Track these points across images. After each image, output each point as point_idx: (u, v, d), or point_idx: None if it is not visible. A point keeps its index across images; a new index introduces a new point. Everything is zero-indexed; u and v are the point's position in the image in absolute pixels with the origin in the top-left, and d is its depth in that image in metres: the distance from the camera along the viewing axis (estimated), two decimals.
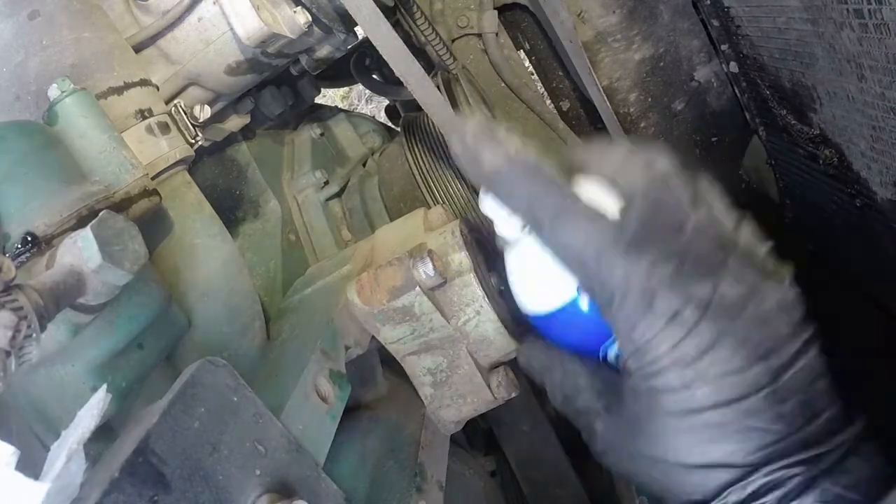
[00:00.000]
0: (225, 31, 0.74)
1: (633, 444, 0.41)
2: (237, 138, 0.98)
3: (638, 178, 0.41)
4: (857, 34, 0.70)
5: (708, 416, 0.37)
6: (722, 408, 0.37)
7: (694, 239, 0.39)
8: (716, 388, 0.37)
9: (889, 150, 0.78)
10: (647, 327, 0.38)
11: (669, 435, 0.39)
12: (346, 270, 0.73)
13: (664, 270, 0.38)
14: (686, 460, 0.39)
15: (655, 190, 0.41)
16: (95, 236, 0.43)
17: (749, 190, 1.23)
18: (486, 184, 0.44)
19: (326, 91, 3.13)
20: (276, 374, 0.58)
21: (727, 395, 0.37)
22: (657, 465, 0.40)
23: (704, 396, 0.37)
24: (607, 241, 0.39)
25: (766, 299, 0.39)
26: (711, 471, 0.38)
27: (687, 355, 0.37)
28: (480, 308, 0.61)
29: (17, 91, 0.61)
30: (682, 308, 0.37)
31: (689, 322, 0.37)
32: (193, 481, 0.36)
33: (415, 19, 1.02)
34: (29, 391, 0.49)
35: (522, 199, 0.42)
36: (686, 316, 0.37)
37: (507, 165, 0.42)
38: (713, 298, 0.37)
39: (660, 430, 0.39)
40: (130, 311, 0.51)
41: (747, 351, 0.37)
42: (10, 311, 0.35)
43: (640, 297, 0.38)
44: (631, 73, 1.17)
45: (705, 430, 0.38)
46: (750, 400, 0.37)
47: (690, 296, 0.37)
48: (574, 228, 0.40)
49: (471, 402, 0.65)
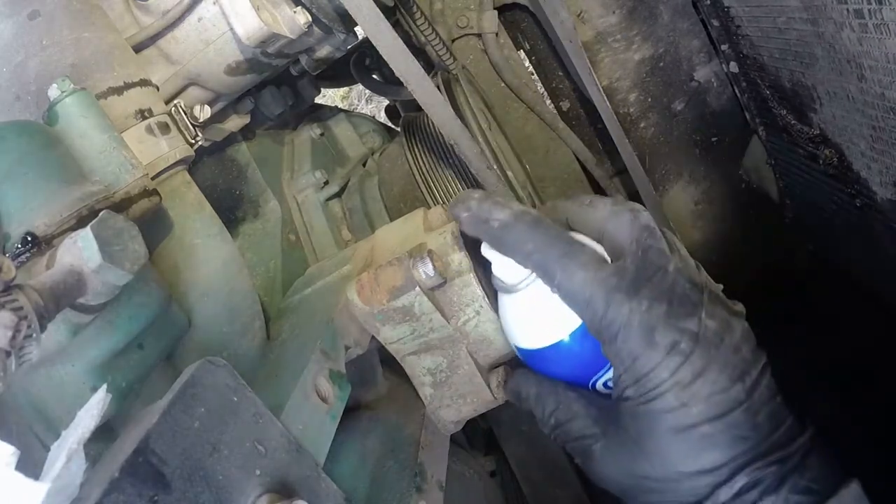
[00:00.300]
0: (225, 31, 0.74)
1: (631, 462, 0.47)
2: (237, 138, 0.98)
3: (626, 230, 0.49)
4: (857, 34, 0.70)
5: (701, 429, 0.44)
6: (713, 421, 0.44)
7: (676, 279, 0.46)
8: (707, 406, 0.44)
9: (889, 150, 0.78)
10: (648, 359, 0.45)
11: (667, 448, 0.45)
12: (346, 270, 0.73)
13: (659, 309, 0.45)
14: (682, 469, 0.45)
15: (643, 238, 0.48)
16: (95, 236, 0.43)
17: (749, 190, 1.24)
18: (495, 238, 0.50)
19: (326, 91, 3.13)
20: (276, 374, 0.58)
21: (715, 410, 0.44)
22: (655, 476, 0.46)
23: (699, 413, 0.44)
24: (612, 286, 0.46)
25: (734, 331, 0.46)
26: (703, 476, 0.45)
27: (684, 379, 0.44)
28: (480, 308, 0.61)
29: (17, 91, 0.61)
30: (679, 340, 0.45)
31: (685, 352, 0.44)
32: (193, 481, 0.36)
33: (415, 19, 1.02)
34: (29, 391, 0.49)
35: (531, 249, 0.49)
36: (682, 347, 0.45)
37: (513, 220, 0.49)
38: (701, 330, 0.45)
39: (659, 445, 0.45)
40: (130, 311, 0.51)
41: (728, 373, 0.45)
42: (10, 311, 0.35)
43: (643, 333, 0.45)
44: (631, 73, 1.17)
45: (698, 442, 0.44)
46: (733, 414, 0.44)
47: (683, 330, 0.45)
48: (583, 275, 0.47)
49: (471, 402, 0.65)
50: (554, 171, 1.23)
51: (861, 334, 1.11)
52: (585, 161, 1.21)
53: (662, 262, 0.47)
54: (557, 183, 1.23)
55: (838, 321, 1.18)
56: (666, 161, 1.22)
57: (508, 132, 1.14)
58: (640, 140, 1.20)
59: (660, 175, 1.22)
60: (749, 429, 0.44)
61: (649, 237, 0.48)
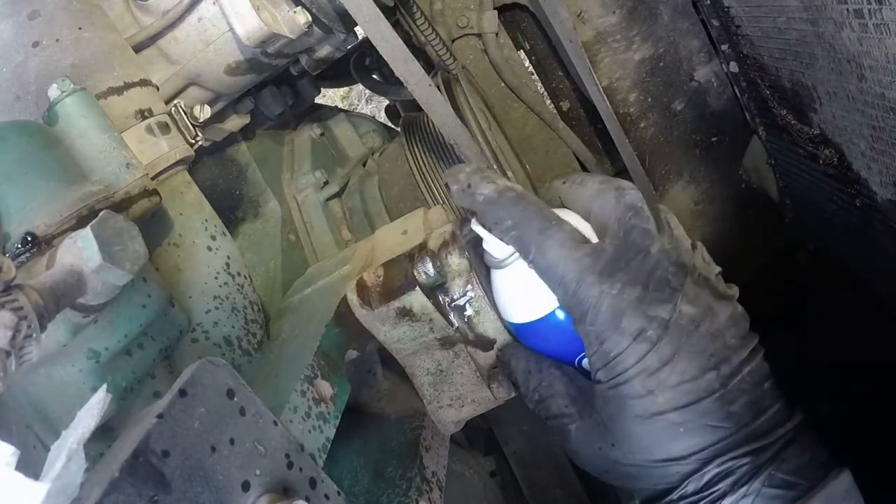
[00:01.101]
0: (225, 31, 0.74)
1: (603, 445, 0.47)
2: (237, 138, 0.98)
3: (611, 208, 0.47)
4: (857, 34, 0.70)
5: (668, 417, 0.44)
6: (680, 410, 0.43)
7: (658, 262, 0.45)
8: (675, 394, 0.43)
9: (889, 150, 0.78)
10: (614, 343, 0.44)
11: (635, 435, 0.45)
12: (346, 270, 0.73)
13: (631, 294, 0.44)
14: (651, 457, 0.45)
15: (626, 218, 0.47)
16: (95, 236, 0.43)
17: (749, 190, 1.23)
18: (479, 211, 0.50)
19: (326, 91, 3.13)
20: (276, 374, 0.58)
21: (684, 399, 0.43)
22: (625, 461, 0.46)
23: (665, 401, 0.44)
24: (586, 266, 0.45)
25: (717, 317, 0.45)
26: (673, 464, 0.44)
27: (650, 367, 0.44)
28: (480, 308, 0.61)
29: (17, 91, 0.61)
30: (646, 327, 0.44)
31: (653, 339, 0.44)
32: (193, 481, 0.36)
33: (415, 19, 1.02)
34: (29, 391, 0.49)
35: (510, 225, 0.48)
36: (649, 335, 0.44)
37: (496, 196, 0.49)
38: (672, 318, 0.44)
39: (627, 431, 0.45)
40: (130, 311, 0.51)
41: (701, 362, 0.44)
42: (10, 311, 0.35)
43: (611, 317, 0.44)
44: (631, 73, 1.17)
45: (667, 430, 0.44)
46: (704, 403, 0.43)
47: (653, 317, 0.44)
48: (557, 252, 0.46)
49: (471, 403, 0.65)
50: (554, 171, 1.23)
51: (861, 334, 1.11)
52: (585, 161, 1.21)
53: (645, 243, 0.46)
54: None
55: (838, 321, 1.18)
56: (666, 161, 1.22)
57: (508, 132, 1.14)
58: (640, 140, 1.20)
59: (660, 175, 1.22)
60: (721, 418, 0.43)
61: (634, 216, 0.47)
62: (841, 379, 1.15)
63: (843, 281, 1.11)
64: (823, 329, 1.21)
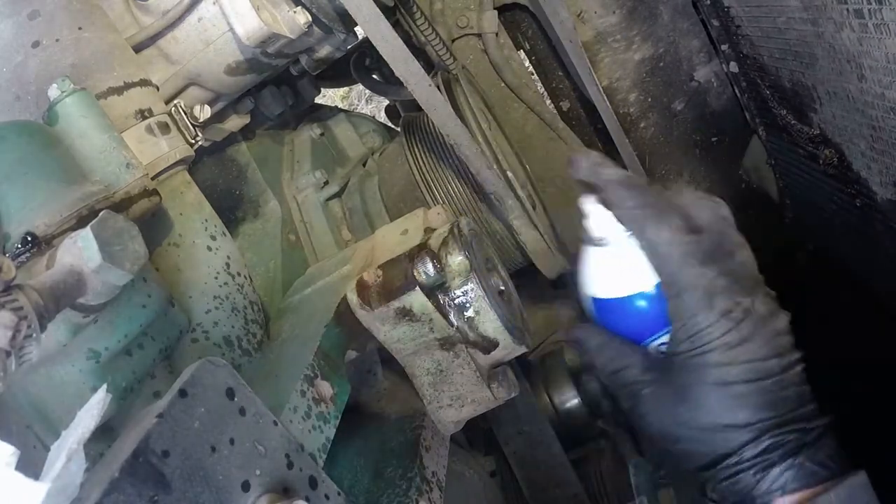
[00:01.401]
0: (225, 31, 0.74)
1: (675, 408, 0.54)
2: (237, 138, 0.98)
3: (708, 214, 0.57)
4: (857, 34, 0.70)
5: (738, 388, 0.51)
6: (748, 383, 0.51)
7: (740, 266, 0.55)
8: (745, 369, 0.51)
9: (889, 150, 0.78)
10: (704, 318, 0.52)
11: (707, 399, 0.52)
12: (346, 270, 0.73)
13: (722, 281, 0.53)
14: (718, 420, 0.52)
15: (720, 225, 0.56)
16: (95, 236, 0.43)
17: (749, 190, 1.23)
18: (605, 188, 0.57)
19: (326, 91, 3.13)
20: (276, 374, 0.58)
21: (752, 375, 0.51)
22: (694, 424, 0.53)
23: (738, 373, 0.51)
24: (689, 251, 0.53)
25: (780, 320, 0.54)
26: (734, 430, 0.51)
27: (731, 342, 0.52)
28: (480, 308, 0.61)
29: (17, 91, 0.61)
30: (733, 309, 0.52)
31: (736, 319, 0.52)
32: (193, 481, 0.36)
33: (415, 19, 1.02)
34: (29, 391, 0.49)
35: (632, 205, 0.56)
36: (734, 315, 0.52)
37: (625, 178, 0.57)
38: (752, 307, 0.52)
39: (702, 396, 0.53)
40: (130, 311, 0.51)
41: (768, 349, 0.52)
42: (10, 311, 0.35)
43: (704, 296, 0.52)
44: (631, 73, 1.17)
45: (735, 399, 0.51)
46: (766, 382, 0.51)
47: (738, 303, 0.52)
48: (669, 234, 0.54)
49: (471, 403, 0.65)
50: (554, 171, 1.23)
51: (861, 334, 1.11)
52: None
53: (733, 247, 0.55)
54: (557, 183, 1.23)
55: (838, 321, 1.18)
56: (666, 161, 1.22)
57: (508, 132, 1.14)
58: (640, 140, 1.20)
59: (660, 175, 1.22)
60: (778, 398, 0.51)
61: (727, 226, 0.57)
62: (841, 379, 1.15)
63: (843, 281, 1.11)
64: (823, 329, 1.21)
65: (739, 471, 0.51)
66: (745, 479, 0.51)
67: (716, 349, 0.52)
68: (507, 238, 0.92)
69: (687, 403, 0.53)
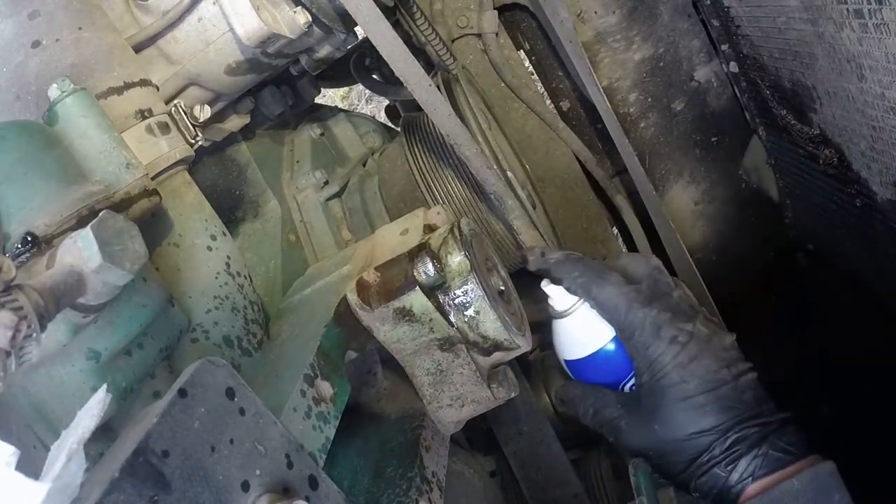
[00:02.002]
0: (225, 31, 0.74)
1: (649, 429, 0.63)
2: (237, 138, 0.98)
3: (642, 267, 0.68)
4: (857, 34, 0.70)
5: (697, 399, 0.60)
6: (706, 393, 0.60)
7: (679, 300, 0.65)
8: (700, 382, 0.60)
9: (889, 150, 0.78)
10: (656, 348, 0.62)
11: (674, 415, 0.61)
12: (346, 270, 0.73)
13: (665, 315, 0.63)
14: (686, 431, 0.60)
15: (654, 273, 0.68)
16: (95, 236, 0.43)
17: (749, 190, 1.23)
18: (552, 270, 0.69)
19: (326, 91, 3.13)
20: (276, 374, 0.58)
21: (708, 386, 0.60)
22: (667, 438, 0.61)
23: (695, 387, 0.60)
24: (632, 297, 0.64)
25: (725, 338, 0.64)
26: (702, 436, 0.60)
27: (682, 362, 0.61)
28: (480, 308, 0.61)
29: (17, 91, 0.61)
30: (678, 335, 0.62)
31: (683, 342, 0.62)
32: (193, 481, 0.36)
33: (415, 19, 1.02)
34: (29, 391, 0.49)
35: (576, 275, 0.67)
36: (681, 339, 0.62)
37: (564, 257, 0.69)
38: (694, 331, 0.63)
39: (668, 413, 0.61)
40: (130, 311, 0.51)
41: (717, 362, 0.61)
42: (10, 311, 0.35)
43: (653, 329, 0.62)
44: (631, 73, 1.17)
45: (696, 409, 0.60)
46: (722, 389, 0.60)
47: (682, 329, 0.62)
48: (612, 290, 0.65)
49: (471, 403, 0.65)
50: (554, 171, 1.23)
51: (861, 334, 1.11)
52: (585, 161, 1.21)
53: (668, 289, 0.66)
54: (557, 183, 1.23)
55: (838, 321, 1.18)
56: (666, 161, 1.22)
57: (508, 132, 1.14)
58: (640, 140, 1.20)
59: (660, 175, 1.22)
60: (735, 401, 0.60)
61: (659, 273, 0.68)
62: (841, 379, 1.15)
63: (843, 281, 1.11)
64: (823, 329, 1.21)
65: (711, 465, 0.59)
66: (718, 473, 0.58)
67: (671, 370, 0.61)
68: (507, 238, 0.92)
69: (658, 422, 0.61)
